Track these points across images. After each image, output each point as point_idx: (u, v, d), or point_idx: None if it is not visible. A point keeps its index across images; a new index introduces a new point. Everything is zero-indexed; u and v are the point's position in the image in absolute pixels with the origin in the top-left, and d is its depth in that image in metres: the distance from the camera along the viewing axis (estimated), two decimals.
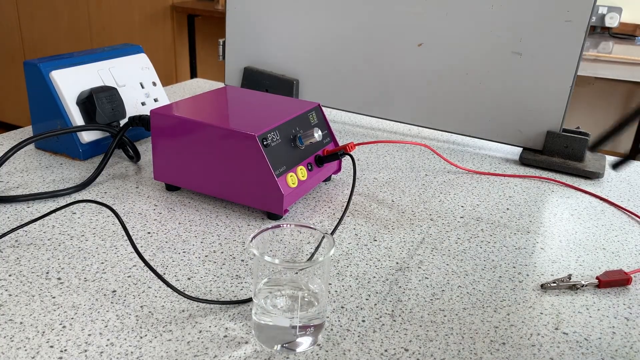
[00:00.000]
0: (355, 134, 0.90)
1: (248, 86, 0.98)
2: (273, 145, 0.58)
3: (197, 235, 0.56)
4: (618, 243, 0.61)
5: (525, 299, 0.49)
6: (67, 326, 0.42)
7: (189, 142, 0.60)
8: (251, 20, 0.96)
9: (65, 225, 0.57)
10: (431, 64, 0.85)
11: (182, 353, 0.40)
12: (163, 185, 0.66)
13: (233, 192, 0.59)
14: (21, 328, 0.42)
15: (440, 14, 0.82)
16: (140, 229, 0.57)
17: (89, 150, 0.72)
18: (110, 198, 0.63)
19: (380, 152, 0.83)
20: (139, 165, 0.72)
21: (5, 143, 0.76)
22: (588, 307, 0.49)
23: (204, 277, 0.49)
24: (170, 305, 0.45)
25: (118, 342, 0.41)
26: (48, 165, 0.70)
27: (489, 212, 0.66)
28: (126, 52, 0.79)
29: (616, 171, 0.33)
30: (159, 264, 0.51)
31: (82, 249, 0.53)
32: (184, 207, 0.62)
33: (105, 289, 0.47)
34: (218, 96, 0.69)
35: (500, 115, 0.84)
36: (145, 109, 0.78)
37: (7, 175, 0.67)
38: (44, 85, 0.69)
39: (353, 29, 0.89)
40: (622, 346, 0.44)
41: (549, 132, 0.81)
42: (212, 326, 0.43)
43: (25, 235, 0.54)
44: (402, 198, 0.68)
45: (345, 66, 0.92)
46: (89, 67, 0.73)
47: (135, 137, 0.78)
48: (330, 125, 0.69)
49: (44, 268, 0.49)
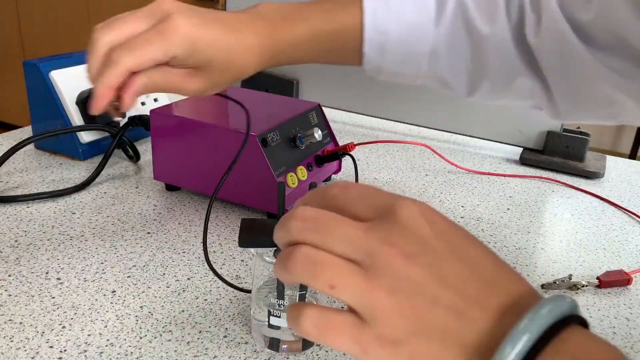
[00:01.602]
0: (355, 134, 0.90)
1: (248, 86, 0.98)
2: (273, 145, 0.58)
3: (197, 235, 0.56)
4: (618, 243, 0.61)
5: None
6: (66, 326, 0.42)
7: (188, 142, 0.60)
8: None
9: (65, 225, 0.57)
10: None
11: (182, 353, 0.40)
12: (163, 185, 0.66)
13: (233, 192, 0.59)
14: (21, 328, 0.42)
15: None
16: (140, 229, 0.57)
17: (88, 150, 0.72)
18: (110, 198, 0.63)
19: (380, 152, 0.83)
20: (139, 165, 0.72)
21: (5, 143, 0.76)
22: (588, 307, 0.49)
23: (204, 277, 0.49)
24: (170, 305, 0.45)
25: (118, 342, 0.41)
26: (48, 165, 0.70)
27: (489, 212, 0.66)
28: None
29: None
30: (159, 264, 0.51)
31: (82, 249, 0.52)
32: (184, 207, 0.62)
33: (105, 289, 0.47)
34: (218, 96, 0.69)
35: (501, 115, 0.84)
36: (145, 109, 0.78)
37: (7, 175, 0.67)
38: (44, 85, 0.69)
39: None
40: (623, 346, 0.44)
41: (550, 132, 0.81)
42: (212, 326, 0.43)
43: (25, 235, 0.54)
44: None
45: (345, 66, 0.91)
46: None
47: (135, 137, 0.78)
48: (330, 125, 0.69)
49: (43, 268, 0.49)
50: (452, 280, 0.26)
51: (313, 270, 0.26)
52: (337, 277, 0.26)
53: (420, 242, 0.26)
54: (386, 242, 0.26)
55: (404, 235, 0.26)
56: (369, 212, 0.28)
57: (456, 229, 0.28)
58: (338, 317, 0.26)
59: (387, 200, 0.28)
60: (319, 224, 0.27)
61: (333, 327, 0.26)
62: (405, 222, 0.26)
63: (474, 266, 0.26)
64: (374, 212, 0.28)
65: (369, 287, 0.25)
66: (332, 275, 0.26)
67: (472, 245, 0.27)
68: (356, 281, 0.26)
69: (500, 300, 0.25)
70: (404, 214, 0.27)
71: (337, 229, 0.27)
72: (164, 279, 0.49)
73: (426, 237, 0.26)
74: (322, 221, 0.27)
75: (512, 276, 0.27)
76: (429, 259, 0.26)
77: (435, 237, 0.26)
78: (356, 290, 0.25)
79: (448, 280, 0.26)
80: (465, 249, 0.27)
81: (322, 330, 0.26)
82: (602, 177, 0.79)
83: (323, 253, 0.27)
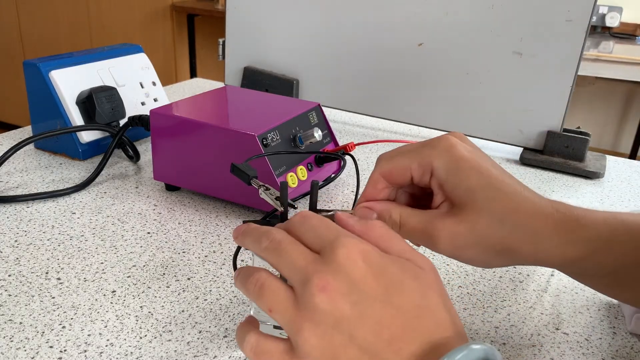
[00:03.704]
0: (355, 134, 0.90)
1: (248, 86, 0.98)
2: (273, 145, 0.58)
3: (197, 235, 0.56)
4: None
5: (525, 299, 0.49)
6: (66, 326, 0.42)
7: (188, 142, 0.60)
8: (251, 20, 0.96)
9: (65, 225, 0.57)
10: (431, 64, 0.85)
11: (182, 353, 0.40)
12: (163, 185, 0.66)
13: (233, 192, 0.59)
14: (21, 328, 0.42)
15: (440, 14, 0.82)
16: (140, 229, 0.57)
17: (88, 150, 0.72)
18: (109, 198, 0.63)
19: (380, 152, 0.83)
20: (139, 165, 0.72)
21: (4, 143, 0.76)
22: (589, 307, 0.49)
23: (204, 277, 0.49)
24: (170, 305, 0.45)
25: (118, 342, 0.41)
26: (47, 165, 0.70)
27: None
28: (126, 51, 0.79)
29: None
30: (159, 264, 0.51)
31: (82, 249, 0.52)
32: (184, 207, 0.62)
33: (104, 289, 0.47)
34: (218, 96, 0.69)
35: (501, 115, 0.84)
36: (145, 109, 0.78)
37: (7, 175, 0.67)
38: (44, 85, 0.69)
39: (353, 29, 0.89)
40: (623, 346, 0.44)
41: (550, 132, 0.80)
42: (212, 326, 0.43)
43: (25, 235, 0.54)
44: None
45: (345, 66, 0.91)
46: (89, 66, 0.73)
47: (134, 137, 0.78)
48: (330, 125, 0.69)
49: (43, 268, 0.49)
50: (371, 322, 0.27)
51: (260, 293, 0.29)
52: (274, 302, 0.29)
53: (349, 281, 0.27)
54: (318, 276, 0.28)
55: (336, 273, 0.28)
56: (317, 244, 0.30)
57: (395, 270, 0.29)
58: (271, 344, 0.29)
59: (333, 236, 0.29)
60: (279, 247, 0.30)
61: (266, 352, 0.29)
62: (341, 261, 0.28)
63: (398, 310, 0.27)
64: (320, 244, 0.30)
65: (296, 317, 0.28)
66: (271, 300, 0.29)
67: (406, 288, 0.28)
68: (288, 309, 0.28)
69: (417, 347, 0.26)
70: (342, 252, 0.28)
71: (289, 255, 0.30)
72: (164, 279, 0.49)
73: (357, 277, 0.28)
74: (282, 245, 0.30)
75: (440, 321, 0.28)
76: (354, 298, 0.27)
77: (367, 278, 0.28)
78: (287, 318, 0.28)
79: (368, 321, 0.27)
80: (397, 292, 0.28)
81: (258, 355, 0.29)
82: (602, 177, 0.78)
83: (271, 280, 0.30)
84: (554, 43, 0.77)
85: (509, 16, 0.78)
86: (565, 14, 0.75)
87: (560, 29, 0.76)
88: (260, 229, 0.32)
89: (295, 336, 0.27)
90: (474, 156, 0.37)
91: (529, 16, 0.77)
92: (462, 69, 0.84)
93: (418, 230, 0.37)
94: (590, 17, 0.73)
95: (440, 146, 0.37)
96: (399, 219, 0.38)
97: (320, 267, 0.28)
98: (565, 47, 0.76)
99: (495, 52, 0.81)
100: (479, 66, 0.82)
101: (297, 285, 0.28)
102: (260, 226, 0.33)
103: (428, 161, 0.37)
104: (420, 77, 0.87)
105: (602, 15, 2.56)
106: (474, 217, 0.35)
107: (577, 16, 0.74)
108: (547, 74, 0.78)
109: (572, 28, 0.75)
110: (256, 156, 0.54)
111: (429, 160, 0.37)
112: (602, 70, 2.18)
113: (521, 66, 0.80)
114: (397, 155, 0.39)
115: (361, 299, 0.27)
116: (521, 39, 0.78)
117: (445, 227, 0.36)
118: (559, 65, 0.77)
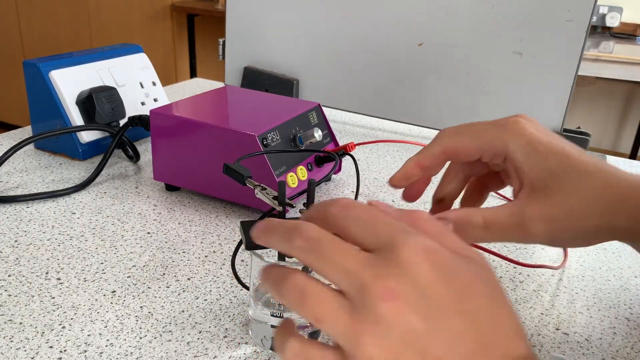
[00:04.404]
0: (355, 134, 0.90)
1: (248, 86, 0.98)
2: (273, 145, 0.58)
3: (197, 235, 0.56)
4: (619, 243, 0.61)
5: (525, 299, 0.49)
6: (66, 327, 0.42)
7: (188, 142, 0.60)
8: (251, 20, 0.96)
9: (65, 225, 0.56)
10: (431, 64, 0.85)
11: (182, 353, 0.40)
12: (163, 185, 0.66)
13: (233, 192, 0.59)
14: (20, 328, 0.42)
15: (440, 14, 0.82)
16: (140, 229, 0.57)
17: (88, 150, 0.72)
18: (109, 198, 0.63)
19: (380, 152, 0.83)
20: (139, 165, 0.72)
21: (4, 143, 0.76)
22: (589, 307, 0.49)
23: (204, 277, 0.49)
24: (169, 305, 0.45)
25: (118, 342, 0.41)
26: (47, 165, 0.70)
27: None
28: (126, 51, 0.79)
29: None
30: (159, 264, 0.51)
31: (82, 249, 0.52)
32: (184, 207, 0.62)
33: (104, 289, 0.47)
34: (218, 96, 0.69)
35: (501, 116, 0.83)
36: (145, 109, 0.78)
37: (7, 175, 0.67)
38: (44, 85, 0.69)
39: (353, 29, 0.89)
40: (623, 346, 0.44)
41: None
42: (212, 326, 0.43)
43: (25, 235, 0.54)
44: None
45: (345, 66, 0.91)
46: (89, 66, 0.73)
47: (134, 137, 0.78)
48: (330, 125, 0.69)
49: (43, 268, 0.49)
50: (445, 336, 0.24)
51: (302, 300, 0.25)
52: (323, 311, 0.25)
53: (416, 287, 0.24)
54: (380, 283, 0.24)
55: (400, 277, 0.24)
56: (369, 242, 0.26)
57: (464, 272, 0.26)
58: (319, 352, 0.25)
59: (390, 233, 0.26)
60: (320, 247, 0.26)
61: None
62: (406, 265, 0.24)
63: (472, 320, 0.24)
64: (374, 243, 0.26)
65: (355, 329, 0.24)
66: (319, 309, 0.25)
67: (478, 294, 0.25)
68: (342, 318, 0.24)
69: None
70: (406, 255, 0.25)
71: (335, 257, 0.26)
72: (164, 279, 0.49)
73: (426, 284, 0.24)
74: (323, 245, 0.26)
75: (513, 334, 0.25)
76: (424, 310, 0.24)
77: (436, 284, 0.24)
78: (341, 329, 0.24)
79: (441, 335, 0.24)
80: (469, 299, 0.25)
81: None
82: None
83: (314, 284, 0.26)
84: (554, 43, 0.77)
85: (509, 16, 0.78)
86: (565, 14, 0.75)
87: (560, 29, 0.76)
88: (287, 224, 0.28)
89: (355, 349, 0.24)
90: (549, 138, 0.35)
91: (529, 16, 0.77)
92: (462, 69, 0.83)
93: (509, 226, 0.35)
94: (590, 17, 0.73)
95: (511, 128, 0.35)
96: (482, 221, 0.35)
97: (380, 270, 0.24)
98: (566, 47, 0.76)
99: (495, 52, 0.81)
100: (479, 66, 0.82)
101: (351, 292, 0.25)
102: (286, 220, 0.28)
103: (502, 144, 0.35)
104: (420, 77, 0.87)
105: (602, 15, 2.56)
106: (564, 199, 0.33)
107: (577, 16, 0.74)
108: (547, 74, 0.78)
109: (572, 28, 0.75)
110: (248, 155, 0.54)
111: (503, 143, 0.35)
112: (602, 70, 2.18)
113: (521, 66, 0.80)
114: (465, 133, 0.37)
115: (432, 309, 0.24)
116: (521, 39, 0.78)
117: (539, 213, 0.34)
118: (559, 65, 0.77)
